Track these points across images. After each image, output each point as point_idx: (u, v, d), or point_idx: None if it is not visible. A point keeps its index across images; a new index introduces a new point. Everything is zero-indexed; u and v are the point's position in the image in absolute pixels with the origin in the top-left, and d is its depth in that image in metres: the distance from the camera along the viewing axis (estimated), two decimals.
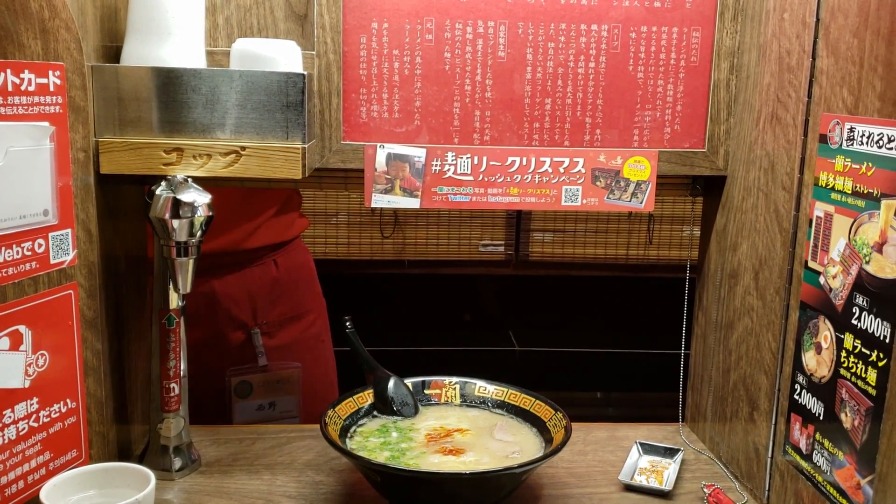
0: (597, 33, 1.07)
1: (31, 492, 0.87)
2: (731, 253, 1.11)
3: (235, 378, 1.33)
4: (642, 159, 1.07)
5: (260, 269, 1.37)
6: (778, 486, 0.98)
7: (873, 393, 0.79)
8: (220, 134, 0.96)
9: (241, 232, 1.33)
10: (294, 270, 1.42)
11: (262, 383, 1.35)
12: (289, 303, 1.40)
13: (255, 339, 1.35)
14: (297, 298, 1.42)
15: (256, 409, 1.35)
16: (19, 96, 0.82)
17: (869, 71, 0.81)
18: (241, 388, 1.33)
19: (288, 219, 1.42)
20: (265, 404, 1.35)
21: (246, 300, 1.35)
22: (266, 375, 1.35)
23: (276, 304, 1.39)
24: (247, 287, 1.35)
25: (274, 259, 1.39)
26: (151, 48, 0.95)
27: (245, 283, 1.35)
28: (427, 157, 1.05)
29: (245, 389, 1.33)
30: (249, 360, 1.35)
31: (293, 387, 1.37)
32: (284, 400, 1.36)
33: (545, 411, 1.05)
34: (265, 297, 1.37)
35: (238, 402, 1.33)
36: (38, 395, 0.87)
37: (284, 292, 1.40)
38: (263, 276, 1.37)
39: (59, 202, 0.88)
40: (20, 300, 0.84)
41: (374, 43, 1.05)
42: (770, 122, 1.00)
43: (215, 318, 1.33)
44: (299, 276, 1.43)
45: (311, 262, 1.49)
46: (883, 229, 0.79)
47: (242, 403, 1.34)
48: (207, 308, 1.31)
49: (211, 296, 1.32)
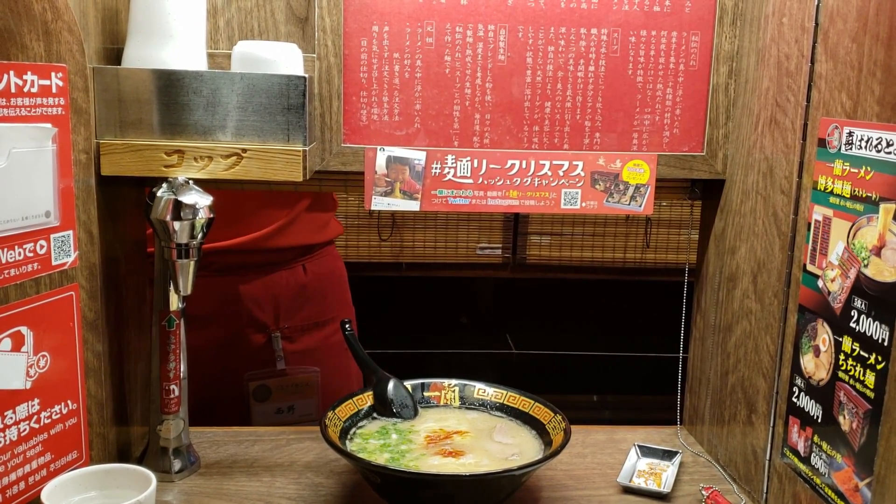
0: (596, 37, 1.07)
1: (31, 493, 0.87)
2: (730, 256, 1.11)
3: (254, 382, 1.33)
4: (641, 163, 1.08)
5: (287, 273, 1.36)
6: (776, 489, 0.99)
7: (871, 396, 0.80)
8: (221, 136, 0.96)
9: (270, 227, 1.31)
10: (323, 277, 1.41)
11: (280, 387, 1.34)
12: (314, 309, 1.39)
13: (275, 343, 1.34)
14: (323, 305, 1.41)
15: (275, 412, 1.35)
16: (22, 98, 0.82)
17: (868, 75, 0.81)
18: (259, 391, 1.33)
19: (321, 220, 1.40)
20: (284, 408, 1.35)
21: (270, 303, 1.34)
22: (284, 380, 1.34)
23: (301, 310, 1.38)
24: (272, 290, 1.34)
25: (303, 264, 1.38)
26: (153, 50, 0.95)
27: (271, 286, 1.34)
28: (427, 160, 1.06)
29: (264, 393, 1.33)
30: (268, 364, 1.35)
31: (312, 390, 1.37)
32: (303, 403, 1.36)
33: (545, 414, 1.05)
34: (290, 301, 1.36)
35: (257, 406, 1.34)
36: (39, 396, 0.87)
37: (311, 298, 1.39)
38: (290, 281, 1.36)
39: (61, 204, 0.89)
40: (22, 301, 0.84)
41: (374, 46, 1.05)
42: (769, 126, 1.01)
43: (237, 320, 1.32)
44: (328, 284, 1.42)
45: (342, 270, 1.48)
46: (881, 233, 0.79)
47: (261, 407, 1.34)
48: (230, 308, 1.31)
49: (234, 296, 1.31)
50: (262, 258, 1.33)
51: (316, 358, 1.39)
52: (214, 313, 1.29)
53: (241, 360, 1.33)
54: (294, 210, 1.34)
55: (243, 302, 1.32)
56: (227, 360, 1.30)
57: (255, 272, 1.32)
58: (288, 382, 1.35)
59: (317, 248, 1.40)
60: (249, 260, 1.31)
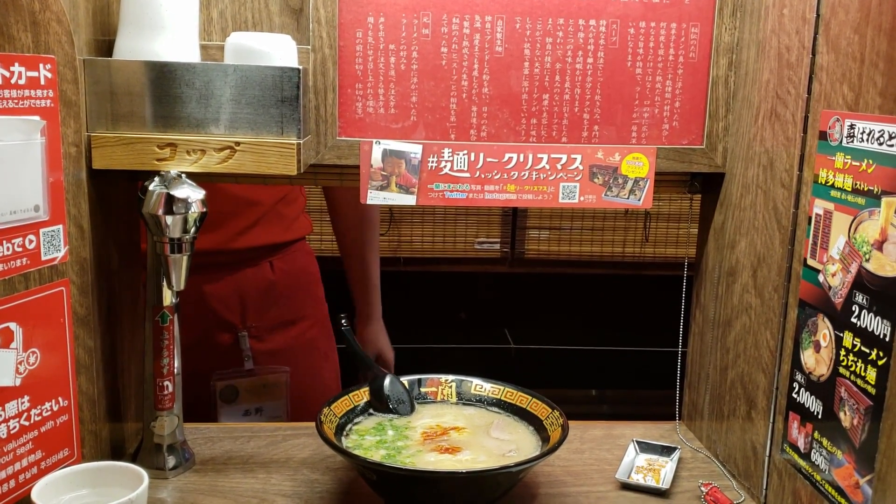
0: (595, 29, 1.06)
1: (22, 491, 0.86)
2: (730, 250, 1.10)
3: (221, 382, 1.30)
4: (640, 156, 1.07)
5: (254, 272, 1.33)
6: (776, 485, 0.98)
7: (873, 392, 0.79)
8: (214, 129, 0.95)
9: (232, 230, 1.30)
10: (292, 275, 1.38)
11: (248, 388, 1.31)
12: (283, 307, 1.37)
13: (243, 342, 1.32)
14: (293, 303, 1.38)
15: (243, 414, 1.32)
16: (9, 90, 0.81)
17: (870, 67, 0.80)
18: (226, 392, 1.30)
19: (286, 219, 1.37)
20: (251, 409, 1.32)
21: (236, 302, 1.32)
22: (252, 380, 1.31)
23: (270, 308, 1.35)
24: (238, 289, 1.32)
25: (270, 261, 1.35)
26: (144, 42, 0.94)
27: (237, 284, 1.32)
28: (423, 154, 1.04)
29: (231, 394, 1.30)
30: (236, 364, 1.32)
31: (281, 391, 1.34)
32: (272, 405, 1.33)
33: (542, 409, 1.04)
34: (257, 300, 1.34)
35: (224, 407, 1.31)
36: (29, 393, 0.86)
37: (280, 297, 1.36)
38: (257, 279, 1.33)
39: (51, 198, 0.87)
40: (11, 297, 0.83)
41: (370, 37, 1.04)
42: (769, 118, 1.00)
43: (203, 319, 1.29)
44: (298, 281, 1.39)
45: (313, 267, 1.45)
46: (883, 227, 0.78)
47: (228, 408, 1.30)
48: (195, 308, 1.28)
49: (199, 296, 1.28)
50: (227, 258, 1.30)
51: (286, 358, 1.36)
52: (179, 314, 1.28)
53: (208, 361, 1.30)
54: (255, 215, 1.31)
55: (208, 301, 1.29)
56: (194, 362, 1.25)
57: (218, 269, 1.29)
58: (256, 383, 1.32)
59: (284, 246, 1.38)
60: (213, 260, 1.28)
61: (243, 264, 1.32)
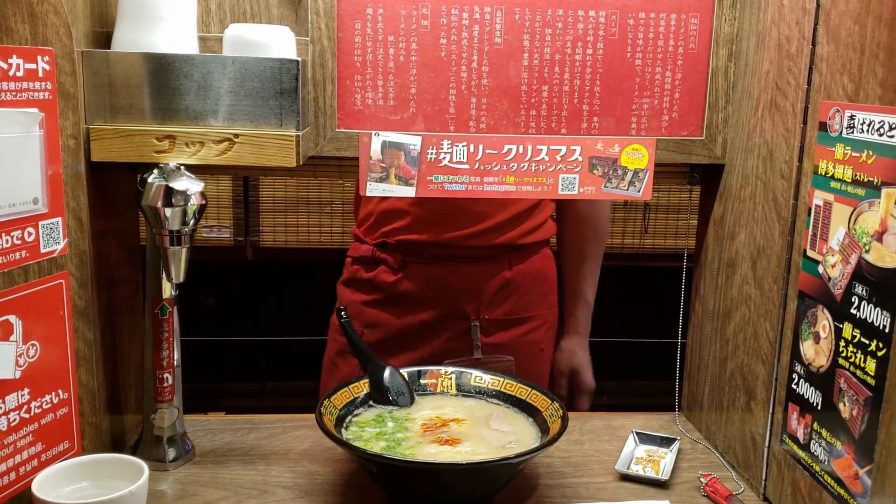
0: (594, 20, 1.06)
1: (22, 483, 0.86)
2: (729, 242, 1.10)
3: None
4: (640, 147, 1.06)
5: (492, 267, 1.39)
6: (775, 476, 0.98)
7: (872, 383, 0.79)
8: (213, 121, 0.94)
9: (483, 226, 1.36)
10: (529, 275, 1.43)
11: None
12: (515, 305, 1.42)
13: (474, 333, 1.38)
14: (524, 303, 1.43)
15: None
16: (7, 82, 0.81)
17: (870, 58, 0.80)
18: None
19: (533, 222, 1.42)
20: None
21: (473, 293, 1.38)
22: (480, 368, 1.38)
23: (502, 304, 1.41)
24: (475, 281, 1.39)
25: (509, 260, 1.41)
26: (143, 33, 0.94)
27: (475, 277, 1.38)
28: (422, 146, 1.04)
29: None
30: (465, 353, 1.38)
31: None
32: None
33: (541, 401, 1.04)
34: (492, 294, 1.39)
35: None
36: (29, 385, 0.86)
37: (513, 294, 1.42)
38: (494, 274, 1.39)
39: (49, 190, 0.87)
40: (10, 290, 0.83)
41: (368, 29, 1.03)
42: (769, 109, 0.99)
43: (442, 305, 1.37)
44: (532, 282, 1.44)
45: (550, 271, 1.49)
46: (883, 218, 0.78)
47: None
48: (436, 294, 1.36)
49: (442, 283, 1.36)
50: (471, 252, 1.37)
51: (507, 352, 1.42)
52: (419, 298, 1.37)
53: (441, 346, 1.38)
54: (510, 211, 1.37)
55: (448, 289, 1.37)
56: (431, 343, 1.37)
57: (459, 261, 1.37)
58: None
59: (525, 247, 1.42)
60: (454, 252, 1.36)
61: (484, 259, 1.39)
